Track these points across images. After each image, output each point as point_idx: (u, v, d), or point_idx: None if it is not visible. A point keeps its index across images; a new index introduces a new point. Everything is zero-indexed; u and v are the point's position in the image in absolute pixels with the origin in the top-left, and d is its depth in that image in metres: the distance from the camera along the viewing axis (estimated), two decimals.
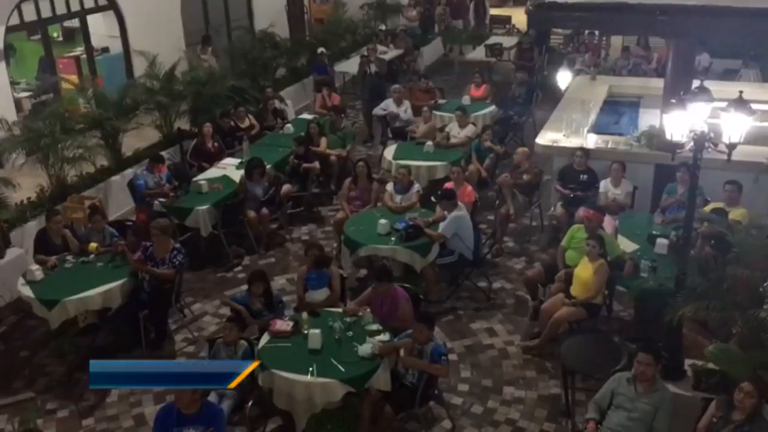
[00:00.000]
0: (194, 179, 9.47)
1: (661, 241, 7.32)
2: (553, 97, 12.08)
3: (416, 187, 8.92)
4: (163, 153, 10.18)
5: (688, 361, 5.93)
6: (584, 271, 6.96)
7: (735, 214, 7.40)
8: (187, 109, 11.38)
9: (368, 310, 6.57)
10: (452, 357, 7.01)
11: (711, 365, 5.65)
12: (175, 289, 7.35)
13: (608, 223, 7.77)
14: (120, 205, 9.85)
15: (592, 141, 9.55)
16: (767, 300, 5.28)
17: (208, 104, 11.35)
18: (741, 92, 5.59)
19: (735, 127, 5.43)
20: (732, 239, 6.25)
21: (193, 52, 13.36)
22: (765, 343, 5.24)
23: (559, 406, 6.43)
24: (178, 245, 7.50)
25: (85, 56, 12.77)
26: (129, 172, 9.96)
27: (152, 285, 7.24)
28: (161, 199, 8.88)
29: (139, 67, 11.97)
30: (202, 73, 11.64)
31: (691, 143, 5.51)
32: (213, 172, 9.77)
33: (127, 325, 7.23)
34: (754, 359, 5.32)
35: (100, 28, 12.89)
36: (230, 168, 9.85)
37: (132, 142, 10.67)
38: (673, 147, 5.75)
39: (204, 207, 8.76)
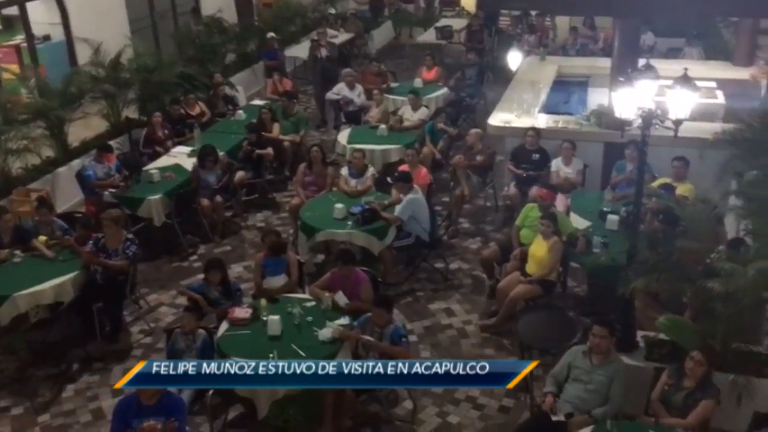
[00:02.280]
0: (145, 168, 9.30)
1: (612, 218, 7.49)
2: (504, 78, 12.20)
3: (371, 170, 8.93)
4: (112, 142, 9.97)
5: (640, 333, 6.10)
6: (539, 248, 7.08)
7: (682, 189, 7.62)
8: (135, 97, 11.13)
9: (340, 293, 6.54)
10: (412, 338, 7.06)
11: (662, 336, 5.82)
12: (130, 280, 7.23)
13: (560, 201, 7.91)
14: (68, 197, 9.62)
15: (543, 121, 9.69)
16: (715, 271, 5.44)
17: (157, 92, 11.13)
18: (686, 69, 5.73)
19: (681, 103, 5.57)
20: (680, 213, 6.44)
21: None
22: (714, 313, 5.42)
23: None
24: (130, 236, 7.37)
25: (25, 45, 12.35)
26: (76, 163, 9.73)
27: (105, 277, 7.10)
28: (111, 190, 8.71)
29: (83, 54, 11.64)
30: (149, 60, 11.39)
31: (639, 120, 5.64)
32: (164, 161, 9.60)
33: (80, 318, 7.08)
34: (702, 329, 5.52)
35: (41, 16, 12.46)
36: (182, 156, 9.70)
37: (78, 131, 10.40)
38: (622, 125, 5.88)
39: (156, 196, 8.62)
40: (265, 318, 6.20)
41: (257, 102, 12.12)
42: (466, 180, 9.28)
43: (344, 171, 8.91)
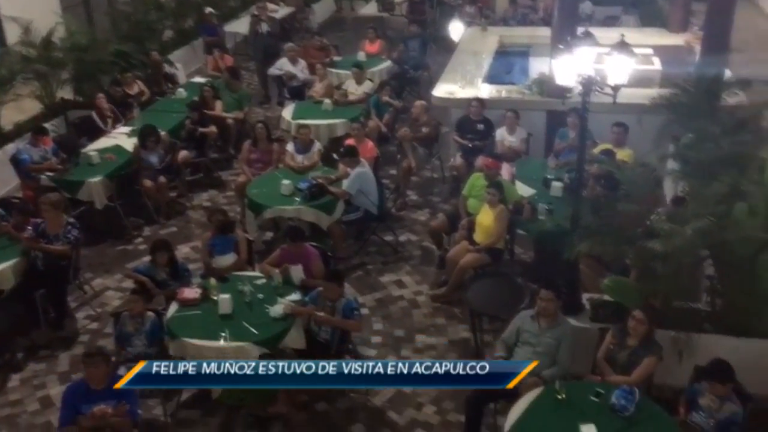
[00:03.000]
0: (84, 150, 9.04)
1: (556, 184, 7.63)
2: (447, 49, 12.22)
3: (317, 145, 8.88)
4: (47, 125, 9.62)
5: (585, 296, 6.27)
6: (486, 217, 7.17)
7: (622, 154, 7.81)
8: (69, 77, 10.77)
9: (299, 267, 6.51)
10: (364, 311, 7.11)
11: (606, 297, 5.99)
12: (72, 265, 7.07)
13: (506, 169, 8.02)
14: (3, 182, 9.28)
15: (486, 91, 9.76)
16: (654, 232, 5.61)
17: (93, 71, 10.79)
18: (623, 36, 5.83)
19: (619, 70, 5.68)
20: (620, 178, 6.61)
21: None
22: (655, 273, 5.60)
23: (469, 348, 6.67)
24: (71, 220, 7.19)
25: None
26: (10, 147, 9.36)
27: (47, 263, 6.91)
28: (49, 173, 8.45)
29: (12, 34, 11.16)
30: (82, 39, 11.01)
31: (579, 88, 5.73)
32: (104, 142, 9.34)
33: (23, 306, 6.89)
34: (644, 289, 5.70)
35: None
36: (122, 137, 9.45)
37: (11, 114, 10.01)
38: (563, 92, 5.98)
39: (96, 179, 8.40)
40: (215, 297, 6.14)
41: (198, 79, 11.89)
42: (412, 152, 9.31)
43: (290, 147, 8.83)
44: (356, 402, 6.17)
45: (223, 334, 5.78)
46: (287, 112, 10.31)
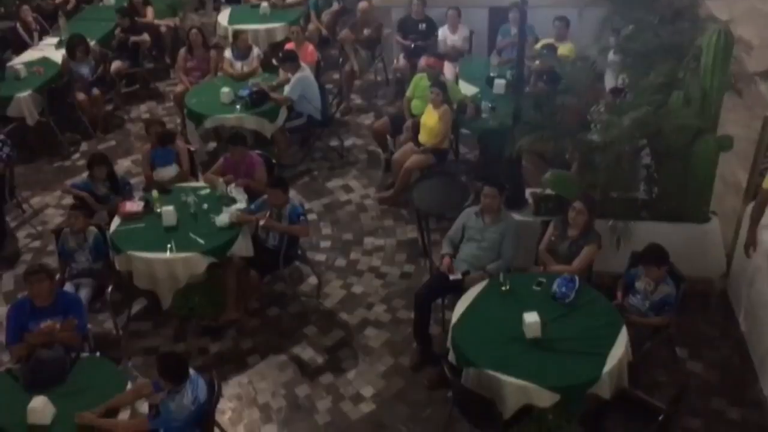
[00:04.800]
0: (9, 64, 8.59)
1: (499, 82, 7.59)
2: None
3: (256, 51, 8.61)
4: None
5: (528, 191, 6.37)
6: (430, 118, 7.14)
7: (564, 49, 7.78)
8: None
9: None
10: (312, 217, 7.12)
11: (548, 191, 6.10)
12: (7, 183, 6.86)
13: (448, 69, 7.93)
14: None
15: None
16: (593, 125, 5.67)
17: None
18: None
19: None
20: (561, 73, 6.60)
21: None
22: (594, 165, 5.69)
23: (416, 248, 6.78)
24: (2, 137, 6.93)
25: None
26: None
27: None
28: None
29: None
30: None
31: None
32: (30, 55, 8.93)
33: None
34: (584, 180, 5.81)
35: None
36: (49, 48, 9.04)
37: None
38: None
39: (25, 93, 8.06)
40: (158, 210, 6.05)
41: None
42: (354, 55, 9.12)
43: (228, 53, 8.55)
44: (308, 306, 6.26)
45: (169, 245, 5.73)
46: (223, 17, 9.91)
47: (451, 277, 5.49)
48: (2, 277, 6.64)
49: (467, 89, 7.71)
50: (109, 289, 5.82)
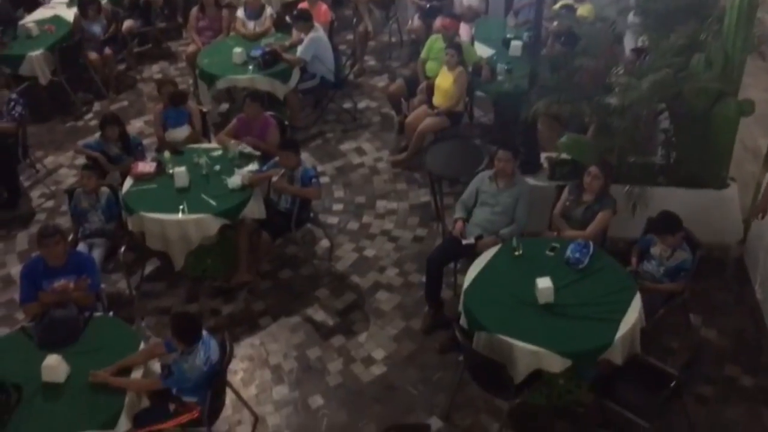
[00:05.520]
0: (21, 23, 8.52)
1: (516, 44, 7.45)
2: None
3: (269, 11, 8.49)
4: None
5: (543, 155, 6.28)
6: (444, 80, 7.03)
7: (582, 9, 7.60)
8: None
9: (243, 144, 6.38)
10: (324, 179, 7.08)
11: (564, 156, 6.01)
12: (21, 143, 6.84)
13: (464, 30, 7.79)
14: None
15: None
16: (611, 88, 5.55)
17: None
18: None
19: None
20: (579, 33, 6.46)
21: None
22: (611, 129, 5.60)
23: (429, 212, 6.74)
24: (14, 96, 6.90)
25: None
26: None
27: None
28: None
29: None
30: None
31: None
32: (41, 13, 8.84)
33: None
34: (601, 145, 5.72)
35: None
36: (60, 6, 8.94)
37: None
38: None
39: (37, 52, 8.00)
40: (171, 171, 6.03)
41: None
42: (368, 15, 8.97)
43: (240, 13, 8.42)
44: (319, 268, 6.26)
45: (181, 207, 5.72)
46: None
47: (464, 242, 5.45)
48: (17, 237, 6.67)
49: (483, 51, 7.58)
50: (122, 249, 5.83)
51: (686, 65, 5.51)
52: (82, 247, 5.67)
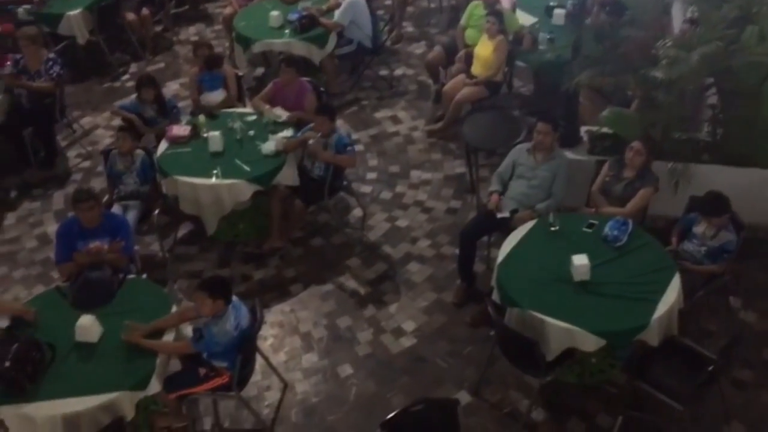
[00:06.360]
0: None
1: (559, 12, 7.23)
2: None
3: None
4: None
5: (584, 128, 6.12)
6: (484, 49, 6.87)
7: None
8: None
9: (278, 108, 6.31)
10: (359, 147, 7.00)
11: (605, 129, 5.85)
12: (58, 102, 6.88)
13: None
14: None
15: None
16: (660, 60, 5.36)
17: None
18: None
19: None
20: (626, 2, 6.24)
21: None
22: (656, 103, 5.42)
23: (464, 183, 6.63)
24: (52, 55, 6.92)
25: None
26: None
27: (31, 100, 6.73)
28: (25, 6, 8.02)
29: None
30: None
31: None
32: None
33: (12, 145, 6.79)
34: (644, 119, 5.54)
35: None
36: None
37: None
38: None
39: (76, 11, 8.00)
40: (205, 135, 6.01)
41: None
42: None
43: None
44: (351, 237, 6.22)
45: (215, 171, 5.71)
46: None
47: (499, 215, 5.35)
48: (53, 196, 6.75)
49: (525, 19, 7.36)
50: (156, 212, 5.86)
51: (738, 38, 5.29)
52: (116, 208, 5.71)
